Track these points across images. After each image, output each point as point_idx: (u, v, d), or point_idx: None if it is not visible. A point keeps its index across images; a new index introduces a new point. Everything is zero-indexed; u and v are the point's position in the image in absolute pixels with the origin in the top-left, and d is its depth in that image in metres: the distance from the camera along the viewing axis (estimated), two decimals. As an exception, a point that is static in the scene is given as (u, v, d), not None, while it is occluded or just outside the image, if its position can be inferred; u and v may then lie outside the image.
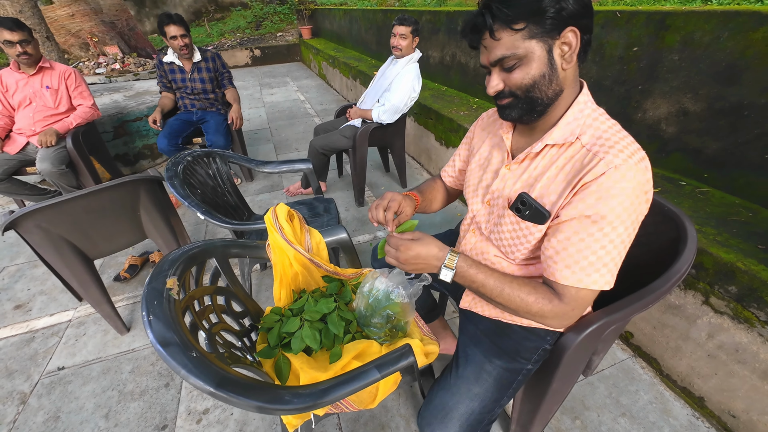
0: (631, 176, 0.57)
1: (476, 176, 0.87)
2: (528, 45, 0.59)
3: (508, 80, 0.64)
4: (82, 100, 2.32)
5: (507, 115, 0.69)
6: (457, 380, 0.81)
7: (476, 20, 0.62)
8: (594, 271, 0.61)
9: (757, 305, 0.99)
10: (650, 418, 1.19)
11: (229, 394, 0.61)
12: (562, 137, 0.66)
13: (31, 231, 1.19)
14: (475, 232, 0.87)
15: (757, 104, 1.23)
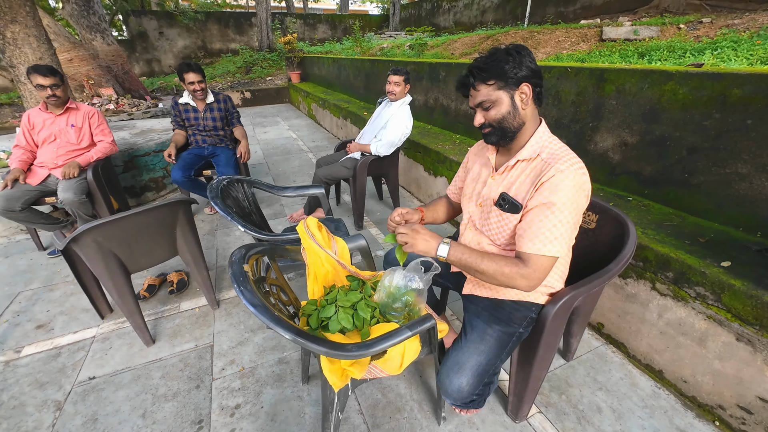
0: (572, 177, 0.87)
1: (471, 187, 1.16)
2: (497, 94, 0.91)
3: (487, 116, 0.95)
4: (103, 137, 2.53)
5: (489, 139, 1.01)
6: (466, 343, 1.03)
7: (464, 79, 0.95)
8: (548, 242, 0.88)
9: (687, 285, 1.29)
10: (622, 390, 1.42)
11: (306, 340, 0.82)
12: (529, 155, 0.96)
13: (88, 245, 1.35)
14: (471, 229, 1.14)
15: (674, 136, 1.61)
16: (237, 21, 13.19)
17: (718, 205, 1.52)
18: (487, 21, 12.25)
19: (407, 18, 16.19)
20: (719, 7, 6.84)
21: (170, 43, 12.41)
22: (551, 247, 0.88)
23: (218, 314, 1.88)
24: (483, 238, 1.09)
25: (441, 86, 3.27)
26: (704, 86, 1.48)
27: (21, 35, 2.98)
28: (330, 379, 1.02)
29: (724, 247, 1.35)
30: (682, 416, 1.32)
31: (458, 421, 1.32)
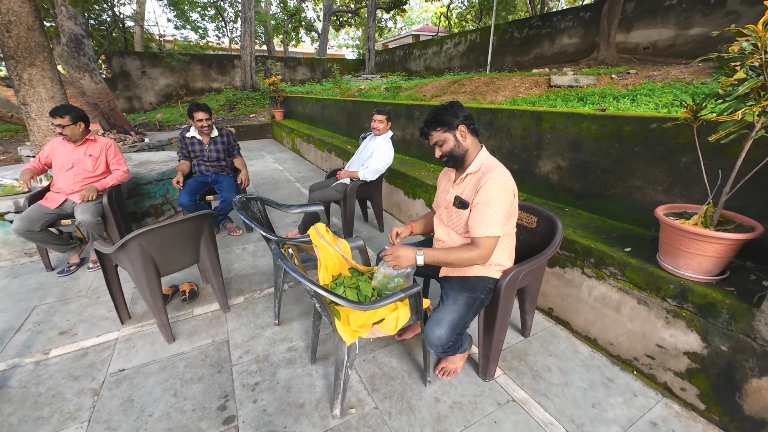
0: (498, 180, 1.31)
1: (441, 197, 1.59)
2: (444, 135, 1.38)
3: (441, 150, 1.41)
4: (119, 166, 2.81)
5: (447, 164, 1.46)
6: (443, 306, 1.40)
7: (423, 129, 1.41)
8: (488, 227, 1.30)
9: (604, 266, 1.73)
10: (567, 355, 1.80)
11: (333, 295, 1.16)
12: (471, 170, 1.40)
13: (134, 248, 1.64)
14: (441, 225, 1.55)
15: (592, 161, 2.15)
16: (220, 62, 13.87)
17: (625, 211, 2.02)
18: (454, 67, 13.61)
19: (381, 63, 17.57)
20: (645, 60, 8.13)
21: (152, 82, 12.80)
22: (491, 230, 1.30)
23: (229, 316, 2.14)
24: (449, 230, 1.50)
25: (416, 123, 3.82)
26: (607, 125, 2.04)
27: (37, 77, 3.29)
28: (344, 336, 1.35)
29: (629, 239, 1.83)
30: (610, 370, 1.71)
31: (440, 383, 1.64)
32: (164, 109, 12.00)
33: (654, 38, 8.42)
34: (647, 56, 8.47)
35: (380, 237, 3.28)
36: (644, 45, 8.67)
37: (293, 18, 19.08)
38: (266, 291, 2.40)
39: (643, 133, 1.87)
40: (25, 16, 3.15)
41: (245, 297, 2.33)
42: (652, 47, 8.52)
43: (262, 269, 2.69)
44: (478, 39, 12.74)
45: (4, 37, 3.09)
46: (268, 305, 2.25)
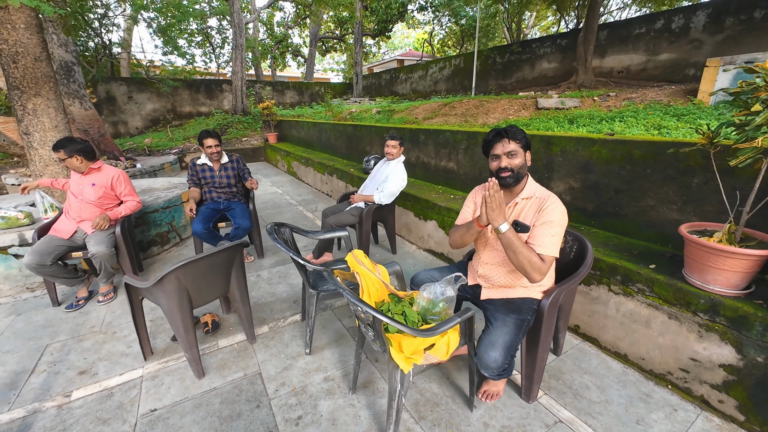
0: (560, 205, 1.40)
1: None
2: (520, 149, 1.46)
3: (511, 162, 1.47)
4: (130, 197, 2.76)
5: (505, 181, 1.51)
6: (493, 329, 1.43)
7: (503, 132, 1.47)
8: (552, 246, 1.37)
9: (631, 283, 1.81)
10: (600, 372, 1.85)
11: (396, 322, 1.18)
12: (527, 195, 1.48)
13: (171, 281, 1.61)
14: (489, 249, 1.59)
15: (604, 182, 2.27)
16: (208, 87, 13.93)
17: (640, 229, 2.14)
18: (440, 90, 14.13)
19: (369, 86, 18.05)
20: (620, 83, 8.68)
21: (139, 107, 12.70)
22: (553, 250, 1.37)
23: (257, 347, 2.09)
24: (500, 254, 1.55)
25: (421, 147, 3.94)
26: (617, 148, 2.17)
27: (41, 107, 3.24)
28: (400, 364, 1.35)
29: (650, 256, 1.93)
30: (645, 385, 1.76)
31: (485, 407, 1.65)
32: (152, 134, 11.87)
33: (627, 63, 9.03)
34: (622, 79, 9.05)
35: (392, 259, 3.30)
36: (618, 69, 9.27)
37: (281, 44, 19.50)
38: (290, 319, 2.36)
39: (653, 156, 2.01)
40: (33, 48, 3.13)
41: (269, 326, 2.29)
42: (626, 71, 9.12)
43: (281, 296, 2.65)
44: (461, 63, 13.32)
45: (11, 68, 3.05)
46: (295, 334, 2.21)
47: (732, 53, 6.61)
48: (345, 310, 2.45)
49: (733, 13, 7.16)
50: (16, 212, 2.76)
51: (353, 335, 2.19)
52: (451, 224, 3.05)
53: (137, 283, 1.65)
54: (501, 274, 1.57)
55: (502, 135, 1.49)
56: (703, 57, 7.54)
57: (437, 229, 3.22)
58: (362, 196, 3.06)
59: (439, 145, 3.68)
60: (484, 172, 3.20)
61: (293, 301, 2.58)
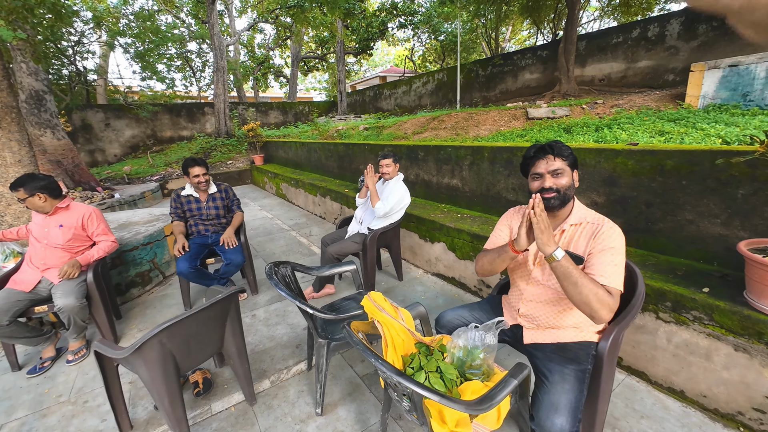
0: (618, 231, 1.20)
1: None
2: (566, 168, 1.26)
3: (556, 182, 1.26)
4: (104, 237, 2.43)
5: (550, 203, 1.29)
6: (551, 385, 1.18)
7: (546, 148, 1.27)
8: (616, 277, 1.15)
9: (684, 310, 1.61)
10: (658, 414, 1.61)
11: (443, 398, 0.93)
12: (576, 221, 1.27)
13: (153, 347, 1.31)
14: (533, 285, 1.37)
15: (632, 195, 2.10)
16: (189, 110, 13.62)
17: (679, 245, 1.96)
18: (425, 104, 14.20)
19: (353, 103, 18.07)
20: (602, 90, 8.82)
21: (116, 133, 12.27)
22: (619, 281, 1.15)
23: (258, 410, 1.78)
24: (547, 290, 1.32)
25: (421, 164, 3.75)
26: (645, 159, 2.01)
27: (3, 140, 2.92)
28: (446, 441, 1.08)
29: (697, 276, 1.74)
30: (712, 428, 1.53)
31: (538, 473, 1.38)
32: (131, 161, 11.42)
33: (607, 71, 9.21)
34: (603, 87, 9.21)
35: (399, 287, 3.04)
36: (599, 77, 9.45)
37: (262, 65, 19.44)
38: (294, 369, 2.06)
39: (688, 166, 1.85)
40: (-8, 76, 2.84)
41: (271, 380, 1.98)
42: (607, 79, 9.30)
43: (282, 340, 2.35)
44: (445, 78, 13.45)
45: (-34, 100, 2.75)
46: (302, 388, 1.91)
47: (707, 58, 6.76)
48: (355, 353, 2.16)
49: (705, 20, 7.39)
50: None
51: (369, 385, 1.90)
52: (462, 246, 2.82)
53: (110, 351, 1.34)
54: (549, 314, 1.34)
55: (546, 151, 1.28)
56: (681, 63, 7.75)
57: (446, 251, 2.99)
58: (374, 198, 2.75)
59: (440, 161, 3.49)
60: (492, 189, 3.01)
61: (296, 345, 2.28)
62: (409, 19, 16.47)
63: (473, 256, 2.73)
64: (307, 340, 2.00)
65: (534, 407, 1.19)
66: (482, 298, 2.74)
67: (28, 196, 2.14)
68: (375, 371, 2.00)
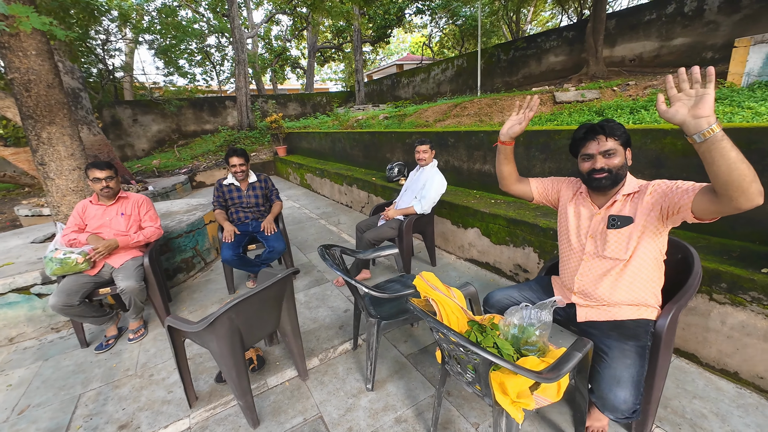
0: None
1: (574, 224, 1.43)
2: (619, 147, 1.26)
3: (608, 162, 1.27)
4: (151, 222, 2.58)
5: (601, 183, 1.30)
6: (612, 361, 1.20)
7: (596, 128, 1.27)
8: None
9: (741, 291, 1.58)
10: (711, 395, 1.61)
11: (512, 365, 0.97)
12: (630, 190, 1.29)
13: (223, 323, 1.41)
14: (591, 259, 1.37)
15: (681, 176, 2.02)
16: (211, 105, 13.90)
17: (732, 226, 1.90)
18: (444, 92, 13.97)
19: (370, 93, 17.96)
20: (633, 71, 8.44)
21: (144, 129, 12.69)
22: None
23: (311, 384, 1.88)
24: (606, 261, 1.33)
25: (451, 150, 3.74)
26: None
27: (56, 135, 3.09)
28: (511, 413, 1.13)
29: (753, 258, 1.69)
30: (770, 409, 1.51)
31: (592, 447, 1.41)
32: (159, 155, 11.82)
33: (639, 51, 8.79)
34: (635, 68, 8.80)
35: (433, 272, 3.08)
36: (630, 57, 9.03)
37: (280, 57, 19.55)
38: (340, 348, 2.15)
39: (746, 144, 1.78)
40: (45, 74, 2.99)
41: (319, 358, 2.08)
42: (638, 59, 8.88)
43: (324, 322, 2.44)
44: (464, 63, 13.17)
45: (24, 97, 2.91)
46: (350, 366, 2.00)
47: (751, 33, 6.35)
48: (398, 334, 2.23)
49: (750, -9, 6.91)
50: (76, 254, 2.19)
51: (414, 364, 1.97)
52: (497, 231, 2.83)
53: (184, 326, 1.45)
54: (605, 288, 1.34)
55: (597, 131, 1.28)
56: (721, 39, 7.31)
57: (480, 237, 3.00)
58: (399, 210, 2.85)
59: (472, 147, 3.47)
60: (528, 174, 2.97)
61: (339, 326, 2.37)
62: (427, 4, 16.12)
63: (509, 241, 2.73)
64: (353, 321, 2.08)
65: (594, 381, 1.22)
66: (518, 282, 2.75)
67: (116, 176, 2.38)
68: (419, 351, 2.06)
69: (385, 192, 4.33)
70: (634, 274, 1.30)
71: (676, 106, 1.00)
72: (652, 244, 1.27)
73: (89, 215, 2.42)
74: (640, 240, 1.26)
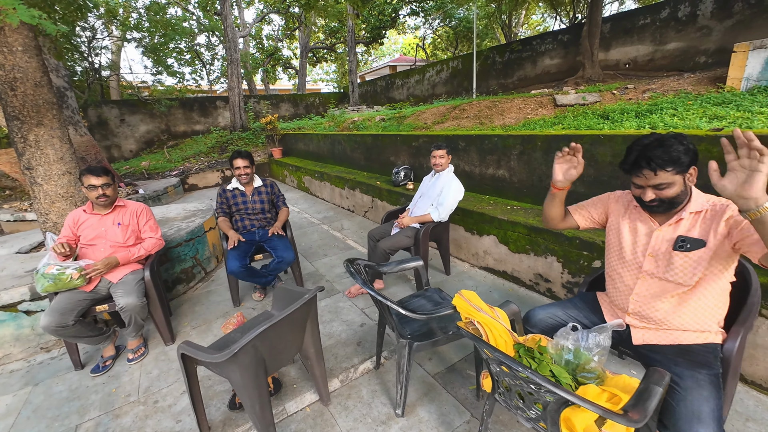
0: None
1: (629, 240, 1.32)
2: (674, 178, 1.13)
3: (660, 194, 1.15)
4: (152, 233, 2.39)
5: (655, 210, 1.21)
6: (687, 393, 1.10)
7: (640, 163, 1.14)
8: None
9: (795, 307, 1.50)
10: (765, 417, 1.52)
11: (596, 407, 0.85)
12: (698, 208, 1.18)
13: (248, 351, 1.26)
14: (646, 279, 1.27)
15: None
16: (201, 105, 13.57)
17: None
18: (439, 93, 13.92)
19: (364, 94, 17.83)
20: (628, 75, 8.52)
21: (132, 129, 12.30)
22: None
23: (334, 410, 1.73)
24: (667, 284, 1.22)
25: (461, 154, 3.63)
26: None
27: (45, 137, 2.87)
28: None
29: (801, 270, 1.62)
30: (828, 431, 1.44)
31: (650, 479, 1.31)
32: (148, 156, 11.45)
33: (633, 55, 8.88)
34: (629, 72, 8.89)
35: (448, 281, 2.97)
36: (624, 61, 9.12)
37: (272, 56, 19.25)
38: (361, 368, 2.01)
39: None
40: (32, 72, 2.77)
41: (340, 379, 1.93)
42: (633, 63, 8.97)
43: (341, 338, 2.30)
44: (459, 65, 13.16)
45: (8, 97, 2.69)
46: (374, 388, 1.86)
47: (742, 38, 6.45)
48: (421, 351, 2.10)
49: (742, -4, 7.02)
50: (71, 269, 1.97)
51: (444, 384, 1.84)
52: (516, 239, 2.73)
53: (202, 355, 1.29)
54: (667, 310, 1.24)
55: (642, 166, 1.13)
56: (713, 44, 7.42)
57: (497, 244, 2.89)
58: (415, 217, 2.73)
59: (484, 151, 3.37)
60: (546, 180, 2.89)
61: (356, 342, 2.23)
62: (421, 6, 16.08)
63: (529, 250, 2.64)
64: (377, 339, 1.94)
65: (668, 417, 1.11)
66: (539, 292, 2.66)
67: (113, 183, 2.20)
68: (446, 370, 1.94)
69: (392, 196, 4.21)
70: (699, 300, 1.20)
71: (726, 180, 0.95)
72: (722, 270, 1.17)
73: (82, 226, 2.22)
74: (710, 265, 1.16)
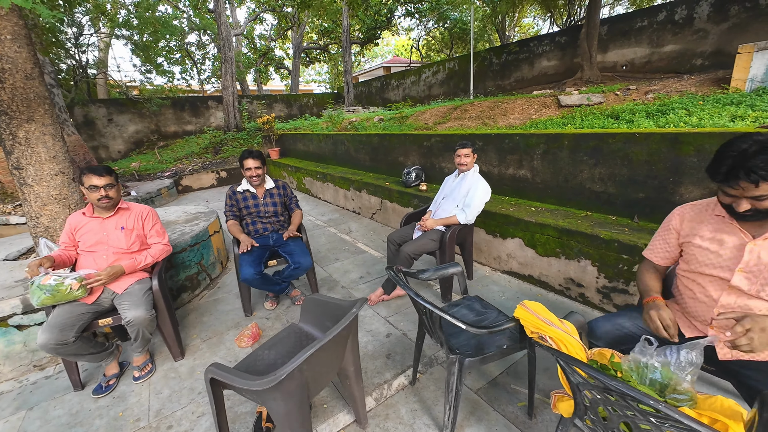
0: None
1: (713, 252, 1.19)
2: None
3: (758, 205, 1.02)
4: (158, 239, 2.20)
5: (748, 219, 1.08)
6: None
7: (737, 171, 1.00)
8: None
9: None
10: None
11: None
12: None
13: (294, 377, 1.09)
14: (731, 294, 1.15)
15: None
16: (193, 105, 13.23)
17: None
18: (436, 95, 13.86)
19: (359, 94, 17.68)
20: (626, 77, 8.58)
21: (120, 129, 11.90)
22: None
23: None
24: (756, 301, 1.10)
25: (478, 154, 3.51)
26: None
27: (36, 134, 2.64)
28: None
29: None
30: None
31: None
32: (138, 156, 11.07)
33: (630, 57, 8.95)
34: (626, 73, 8.96)
35: (471, 286, 2.83)
36: (622, 63, 9.19)
37: (264, 56, 18.95)
38: (395, 384, 1.85)
39: None
40: (23, 63, 2.54)
41: (374, 397, 1.77)
42: (630, 65, 9.04)
43: (366, 350, 2.14)
44: (456, 67, 13.13)
45: (-4, 89, 2.46)
46: (413, 407, 1.70)
47: (738, 41, 6.53)
48: (457, 363, 1.95)
49: (738, 1, 7.13)
50: (71, 279, 1.77)
51: (489, 401, 1.70)
52: (545, 242, 2.61)
53: (239, 382, 1.11)
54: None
55: (739, 177, 1.00)
56: (709, 46, 7.51)
57: (523, 247, 2.77)
58: (439, 220, 2.59)
59: (504, 150, 3.26)
60: (572, 180, 2.78)
61: (385, 355, 2.07)
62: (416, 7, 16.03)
63: (560, 253, 2.52)
64: (414, 353, 1.79)
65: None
66: (570, 297, 2.54)
67: (116, 183, 2.01)
68: (489, 384, 1.80)
69: (403, 198, 4.06)
70: None
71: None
72: None
73: (81, 230, 2.01)
74: None
